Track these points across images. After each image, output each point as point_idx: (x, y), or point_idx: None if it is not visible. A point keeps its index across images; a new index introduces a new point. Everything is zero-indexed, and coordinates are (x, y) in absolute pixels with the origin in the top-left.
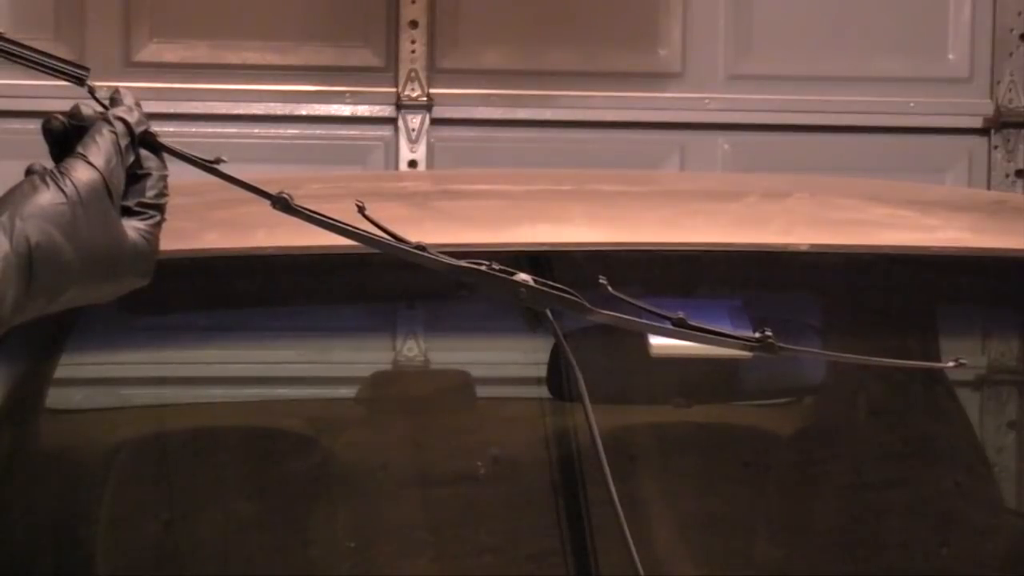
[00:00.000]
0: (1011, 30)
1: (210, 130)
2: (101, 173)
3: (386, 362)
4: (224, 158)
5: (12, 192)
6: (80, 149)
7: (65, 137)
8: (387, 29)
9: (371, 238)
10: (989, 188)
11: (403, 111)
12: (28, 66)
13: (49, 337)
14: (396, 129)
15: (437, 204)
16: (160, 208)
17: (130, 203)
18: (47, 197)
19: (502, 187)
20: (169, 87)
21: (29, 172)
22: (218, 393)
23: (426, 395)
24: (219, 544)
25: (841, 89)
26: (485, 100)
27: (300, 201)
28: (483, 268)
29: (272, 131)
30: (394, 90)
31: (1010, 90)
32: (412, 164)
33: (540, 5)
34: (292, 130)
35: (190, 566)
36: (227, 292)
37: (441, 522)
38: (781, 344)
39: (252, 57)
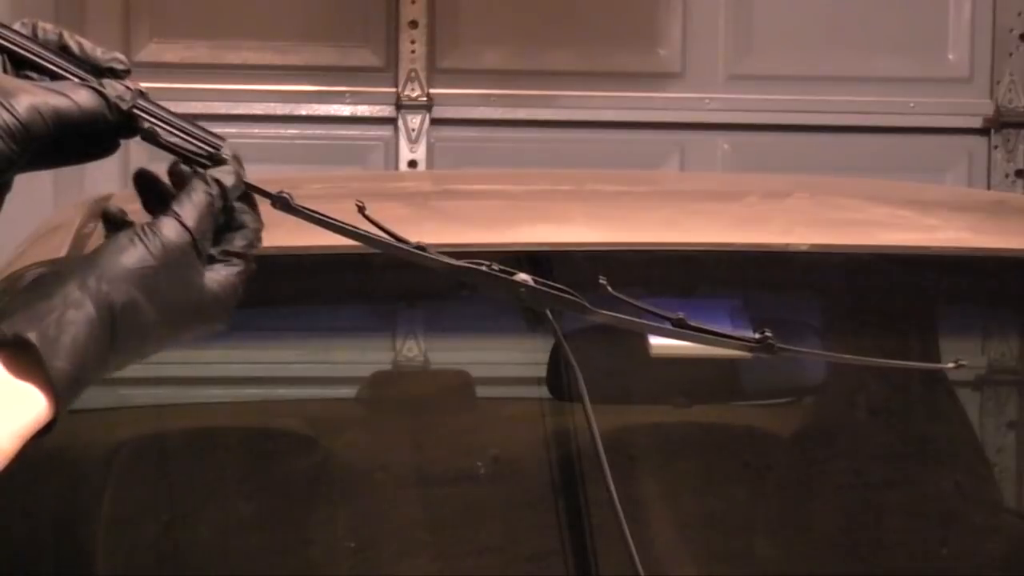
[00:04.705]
0: (1011, 30)
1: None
2: (192, 234)
3: (386, 362)
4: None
5: (99, 251)
6: (174, 207)
7: (157, 186)
8: (387, 29)
9: (371, 238)
10: (989, 188)
11: (403, 111)
12: (164, 128)
13: None
14: (396, 129)
15: (437, 204)
16: (246, 258)
17: (214, 251)
18: (134, 258)
19: (502, 187)
20: (169, 87)
21: (106, 216)
22: (218, 393)
23: (426, 395)
24: (219, 544)
25: (841, 89)
26: (485, 100)
27: (300, 201)
28: (483, 268)
29: (272, 131)
30: (394, 90)
31: (1010, 90)
32: (412, 164)
33: (540, 5)
34: (292, 130)
35: (190, 566)
36: None
37: (441, 522)
38: (781, 345)
39: (252, 57)
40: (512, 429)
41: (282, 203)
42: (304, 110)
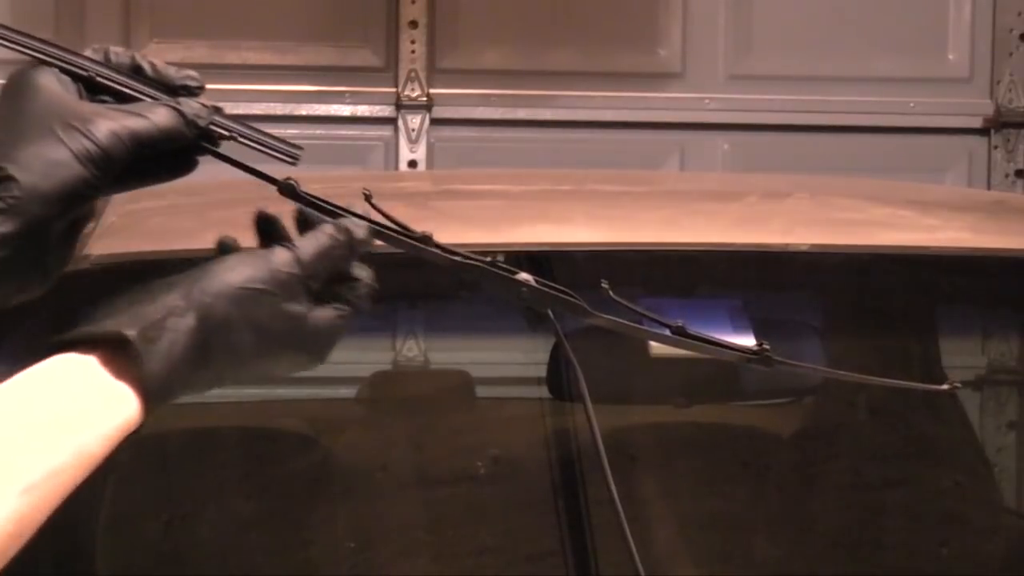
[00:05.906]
0: (1011, 30)
1: None
2: (304, 270)
3: (386, 362)
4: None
5: (208, 266)
6: (295, 240)
7: (276, 228)
8: (387, 29)
9: (375, 228)
10: (989, 188)
11: (403, 111)
12: (243, 142)
13: (48, 337)
14: (396, 129)
15: (437, 204)
16: (356, 308)
17: (326, 294)
18: (240, 277)
19: (502, 187)
20: None
21: (222, 245)
22: (218, 393)
23: (426, 395)
24: (219, 544)
25: (841, 89)
26: (485, 100)
27: None
28: (486, 261)
29: (272, 131)
30: (394, 90)
31: (1010, 90)
32: (412, 164)
33: (540, 5)
34: (292, 130)
35: (190, 566)
36: None
37: (441, 522)
38: (777, 358)
39: (252, 57)
40: (512, 429)
41: (288, 190)
42: (304, 110)
